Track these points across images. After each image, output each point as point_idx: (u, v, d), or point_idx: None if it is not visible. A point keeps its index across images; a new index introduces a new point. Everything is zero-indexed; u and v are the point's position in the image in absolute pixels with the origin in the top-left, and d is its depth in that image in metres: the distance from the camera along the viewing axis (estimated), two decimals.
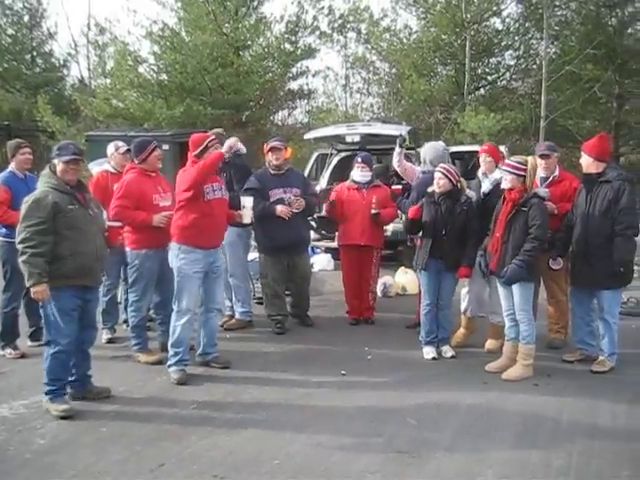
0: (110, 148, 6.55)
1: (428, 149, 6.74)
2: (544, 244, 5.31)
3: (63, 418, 4.52)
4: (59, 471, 3.78)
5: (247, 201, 5.69)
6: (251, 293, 8.19)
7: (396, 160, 6.93)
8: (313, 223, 9.94)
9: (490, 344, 6.06)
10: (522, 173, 5.25)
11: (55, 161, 4.65)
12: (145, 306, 5.83)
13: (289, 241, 6.65)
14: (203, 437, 4.23)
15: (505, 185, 5.32)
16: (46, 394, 4.66)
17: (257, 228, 6.78)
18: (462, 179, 5.90)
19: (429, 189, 5.97)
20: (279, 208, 6.45)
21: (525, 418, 4.55)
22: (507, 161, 5.45)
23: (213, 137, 5.60)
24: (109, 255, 5.64)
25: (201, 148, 5.40)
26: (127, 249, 5.73)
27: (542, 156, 5.92)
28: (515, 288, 5.29)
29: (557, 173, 6.03)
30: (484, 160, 6.11)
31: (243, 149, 6.52)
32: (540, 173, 5.85)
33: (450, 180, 5.78)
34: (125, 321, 6.73)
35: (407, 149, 7.67)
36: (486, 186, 6.00)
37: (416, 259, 5.99)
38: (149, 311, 6.07)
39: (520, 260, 5.16)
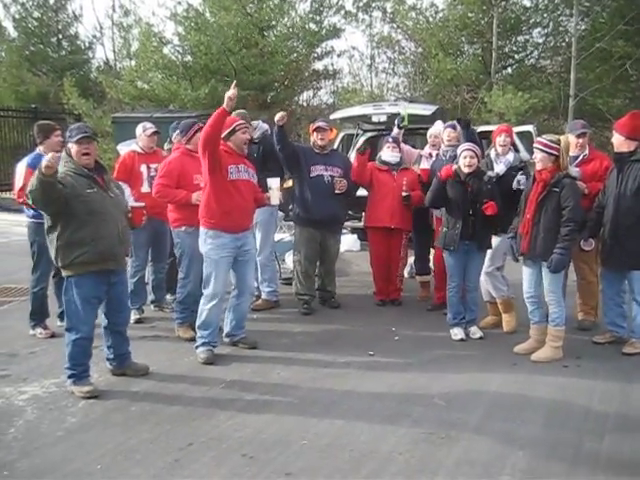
0: (138, 129, 6.60)
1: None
2: (580, 225, 5.21)
3: (87, 399, 4.56)
4: (89, 449, 3.82)
5: (273, 182, 5.65)
6: (277, 273, 8.23)
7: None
8: None
9: (507, 323, 6.03)
10: (554, 152, 5.12)
11: (69, 144, 4.64)
12: (191, 283, 5.82)
13: (324, 216, 6.67)
14: (231, 416, 4.25)
15: (539, 166, 5.15)
16: (68, 377, 4.71)
17: (296, 200, 6.84)
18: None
19: (453, 167, 5.89)
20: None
21: (555, 400, 4.50)
22: (539, 139, 5.31)
23: (243, 121, 5.59)
24: (136, 236, 5.70)
25: (228, 131, 5.38)
26: (171, 228, 5.93)
27: (580, 135, 5.82)
28: (544, 272, 5.19)
29: (587, 152, 5.91)
30: (503, 141, 5.98)
31: (257, 130, 6.64)
32: (570, 152, 5.75)
33: (478, 159, 5.74)
34: (152, 301, 6.80)
35: (407, 129, 7.58)
36: (500, 168, 5.90)
37: (444, 240, 5.88)
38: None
39: (562, 247, 5.04)
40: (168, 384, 4.86)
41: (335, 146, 11.22)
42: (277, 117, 6.28)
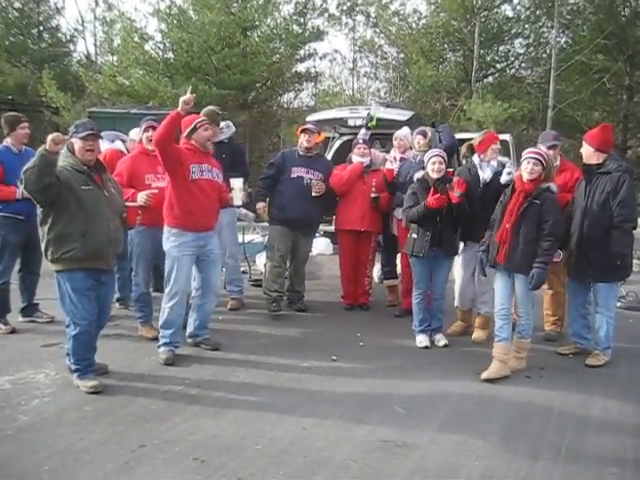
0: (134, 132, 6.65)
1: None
2: (560, 240, 5.18)
3: (93, 393, 4.52)
4: (38, 449, 3.72)
5: (236, 182, 5.60)
6: (247, 275, 8.21)
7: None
8: None
9: (477, 334, 6.01)
10: (545, 164, 5.06)
11: (73, 139, 4.56)
12: (142, 281, 5.82)
13: (299, 216, 6.68)
14: (187, 419, 4.18)
15: (529, 177, 5.00)
16: (74, 372, 4.65)
17: (274, 199, 6.83)
18: None
19: (417, 175, 5.87)
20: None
21: (515, 411, 4.48)
22: (534, 149, 5.21)
23: (203, 118, 5.52)
24: None
25: (190, 129, 5.34)
26: None
27: (551, 147, 5.83)
28: (518, 283, 5.10)
29: (558, 162, 5.93)
30: (494, 148, 5.89)
31: (225, 131, 6.59)
32: None
33: (446, 165, 5.74)
34: (118, 299, 6.71)
35: (371, 134, 7.59)
36: (488, 174, 5.87)
37: (412, 247, 5.82)
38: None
39: (542, 262, 4.94)
40: (126, 384, 4.77)
41: None
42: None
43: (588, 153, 5.39)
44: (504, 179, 5.63)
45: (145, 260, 5.73)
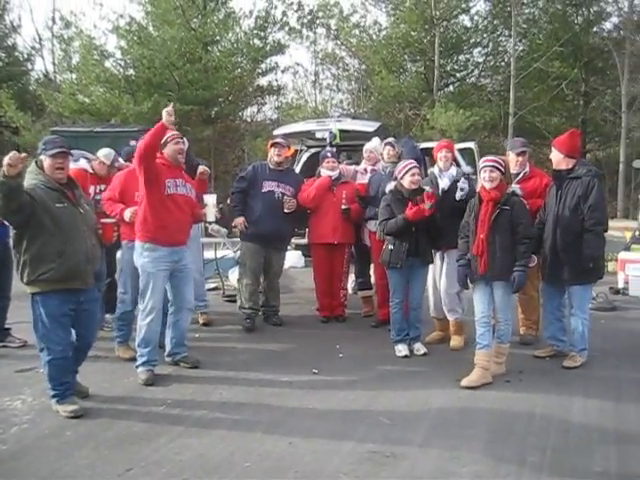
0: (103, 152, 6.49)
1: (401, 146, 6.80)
2: (534, 240, 5.29)
3: (73, 418, 4.41)
4: (22, 478, 3.64)
5: (210, 198, 5.59)
6: (220, 291, 8.17)
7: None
8: None
9: (454, 341, 6.07)
10: (503, 170, 5.16)
11: (42, 157, 4.43)
12: (129, 299, 5.71)
13: (270, 231, 6.67)
14: (172, 439, 4.13)
15: (491, 185, 5.09)
16: (52, 397, 4.54)
17: (244, 214, 6.80)
18: None
19: (389, 187, 5.92)
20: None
21: (498, 415, 4.52)
22: (489, 157, 5.28)
23: (174, 132, 5.50)
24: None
25: (161, 143, 5.29)
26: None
27: (520, 153, 5.95)
28: (497, 290, 5.16)
29: (527, 169, 6.04)
30: (444, 156, 6.03)
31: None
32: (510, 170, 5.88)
33: (420, 175, 5.80)
34: None
35: (338, 146, 7.63)
36: (445, 183, 5.95)
37: (389, 257, 5.83)
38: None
39: (522, 265, 5.05)
40: (106, 406, 4.69)
41: None
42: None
43: (558, 159, 5.50)
44: (458, 195, 5.76)
45: (136, 277, 5.54)
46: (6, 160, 4.01)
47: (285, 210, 6.71)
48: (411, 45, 19.48)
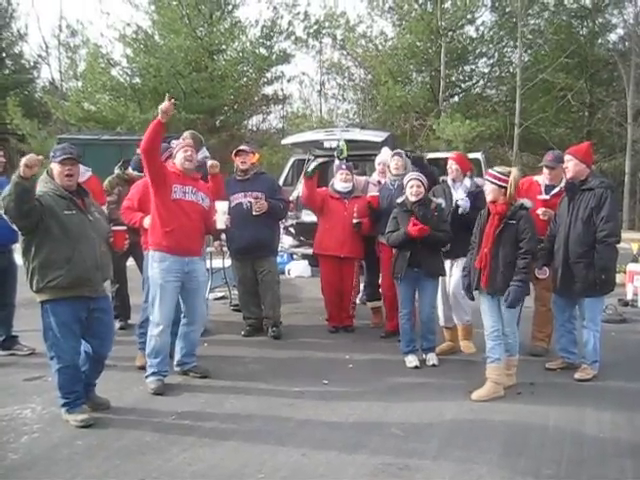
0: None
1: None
2: (535, 256, 5.26)
3: (83, 427, 4.38)
4: None
5: (220, 205, 5.57)
6: (228, 300, 8.17)
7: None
8: (292, 229, 9.88)
9: (465, 346, 6.07)
10: (503, 184, 5.05)
11: (52, 165, 4.46)
12: (150, 308, 5.61)
13: (246, 243, 6.62)
14: (184, 449, 4.09)
15: (489, 198, 5.10)
16: (62, 406, 4.51)
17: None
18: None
19: (399, 200, 5.92)
20: None
21: (511, 427, 4.49)
22: (489, 171, 5.27)
23: (181, 141, 5.53)
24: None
25: (174, 152, 5.41)
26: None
27: (547, 167, 5.98)
28: (503, 304, 5.07)
29: (563, 184, 5.91)
30: (450, 167, 6.11)
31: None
32: (545, 181, 6.00)
33: (424, 187, 5.79)
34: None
35: (347, 160, 7.59)
36: (459, 194, 5.97)
37: (394, 268, 5.87)
38: None
39: (519, 280, 4.95)
40: (116, 416, 4.66)
41: (285, 172, 11.24)
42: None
43: (580, 168, 5.44)
44: (460, 209, 5.84)
45: None
46: (23, 161, 4.06)
47: (254, 213, 6.56)
48: (417, 55, 19.56)
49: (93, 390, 4.78)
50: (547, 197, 5.83)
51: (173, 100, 4.92)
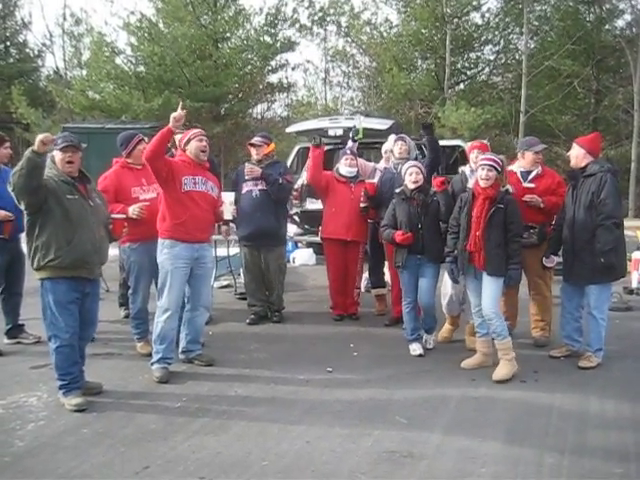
0: None
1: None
2: (522, 237, 5.37)
3: (77, 411, 4.46)
4: (39, 475, 3.64)
5: (226, 196, 5.60)
6: (233, 289, 8.18)
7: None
8: (296, 217, 9.87)
9: (469, 341, 6.05)
10: (500, 169, 5.19)
11: (54, 152, 4.59)
12: (140, 299, 5.71)
13: (253, 230, 6.71)
14: (189, 437, 4.12)
15: (486, 183, 5.13)
16: (59, 388, 4.61)
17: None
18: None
19: (397, 190, 5.92)
20: None
21: (515, 415, 4.49)
22: (487, 156, 5.32)
23: (197, 130, 5.51)
24: None
25: (185, 140, 5.38)
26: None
27: (539, 151, 6.03)
28: (489, 285, 5.17)
29: (540, 168, 6.03)
30: (476, 157, 5.93)
31: None
32: (525, 167, 6.02)
33: (423, 175, 5.78)
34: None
35: (360, 142, 7.59)
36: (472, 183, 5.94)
37: (395, 257, 5.89)
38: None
39: (516, 262, 5.16)
40: (122, 404, 4.69)
41: (290, 160, 11.21)
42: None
43: (578, 154, 5.45)
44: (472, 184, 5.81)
45: (144, 276, 5.63)
46: (40, 136, 4.26)
47: (246, 177, 6.69)
48: (422, 42, 19.46)
49: (82, 376, 4.84)
50: (532, 185, 5.89)
51: (185, 111, 4.96)
